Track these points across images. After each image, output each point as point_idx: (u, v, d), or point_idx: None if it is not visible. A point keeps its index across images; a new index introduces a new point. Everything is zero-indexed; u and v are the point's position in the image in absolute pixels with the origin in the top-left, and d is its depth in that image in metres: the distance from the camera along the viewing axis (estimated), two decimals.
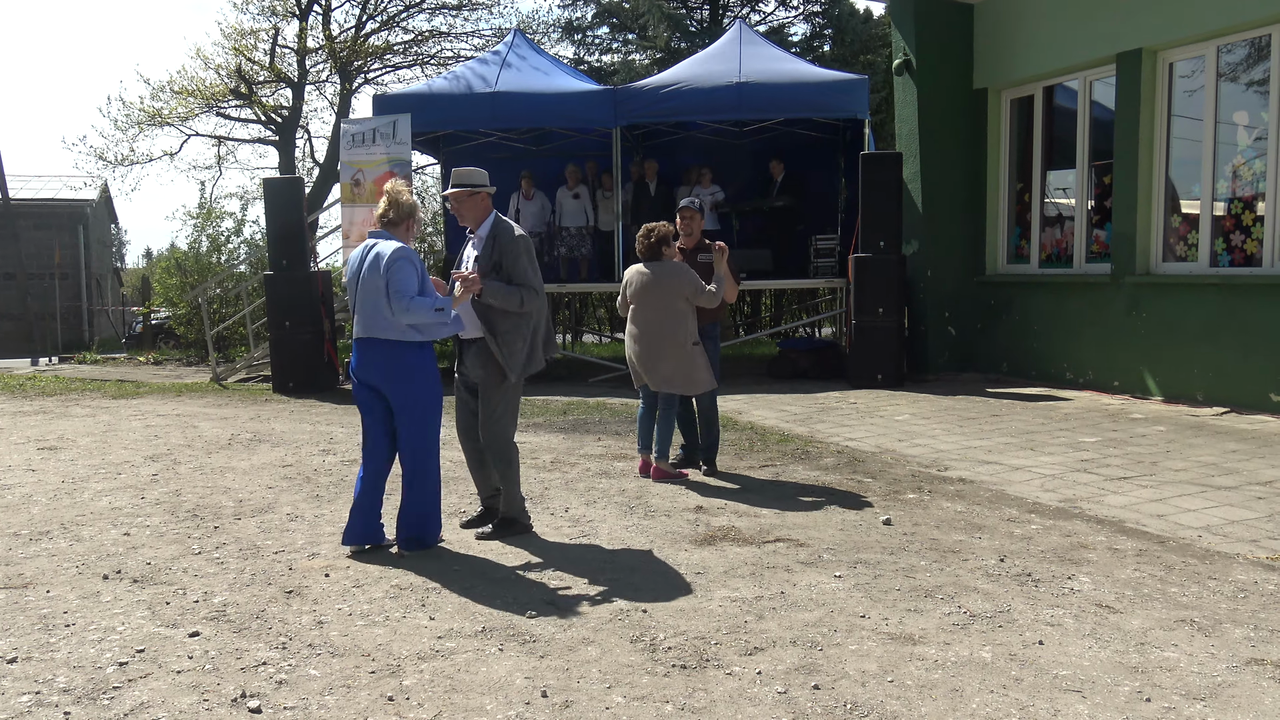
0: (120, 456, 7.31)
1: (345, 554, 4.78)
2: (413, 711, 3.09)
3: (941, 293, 11.47)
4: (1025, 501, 5.63)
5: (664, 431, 6.29)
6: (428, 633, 3.74)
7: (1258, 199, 8.43)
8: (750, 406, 9.37)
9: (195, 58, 28.13)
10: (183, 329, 17.72)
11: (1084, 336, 10.04)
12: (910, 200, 11.44)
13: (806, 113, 12.06)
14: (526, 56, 12.80)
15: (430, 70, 23.45)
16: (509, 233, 4.91)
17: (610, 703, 3.13)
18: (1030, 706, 3.07)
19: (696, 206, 6.65)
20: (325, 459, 7.09)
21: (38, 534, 5.20)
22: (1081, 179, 10.32)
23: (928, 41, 11.43)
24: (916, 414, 8.77)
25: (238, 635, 3.74)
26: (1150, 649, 3.50)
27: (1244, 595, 4.04)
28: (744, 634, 3.67)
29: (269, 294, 11.42)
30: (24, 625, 3.86)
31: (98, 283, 28.63)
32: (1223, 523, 5.13)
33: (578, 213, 13.10)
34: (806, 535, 4.97)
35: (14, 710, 3.11)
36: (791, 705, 3.10)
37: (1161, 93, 9.23)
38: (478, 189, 4.97)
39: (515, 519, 5.09)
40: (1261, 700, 3.10)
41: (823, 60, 19.38)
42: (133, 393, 11.52)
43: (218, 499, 5.93)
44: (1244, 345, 8.36)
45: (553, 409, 9.30)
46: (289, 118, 24.00)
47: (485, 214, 4.99)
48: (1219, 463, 6.49)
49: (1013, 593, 4.09)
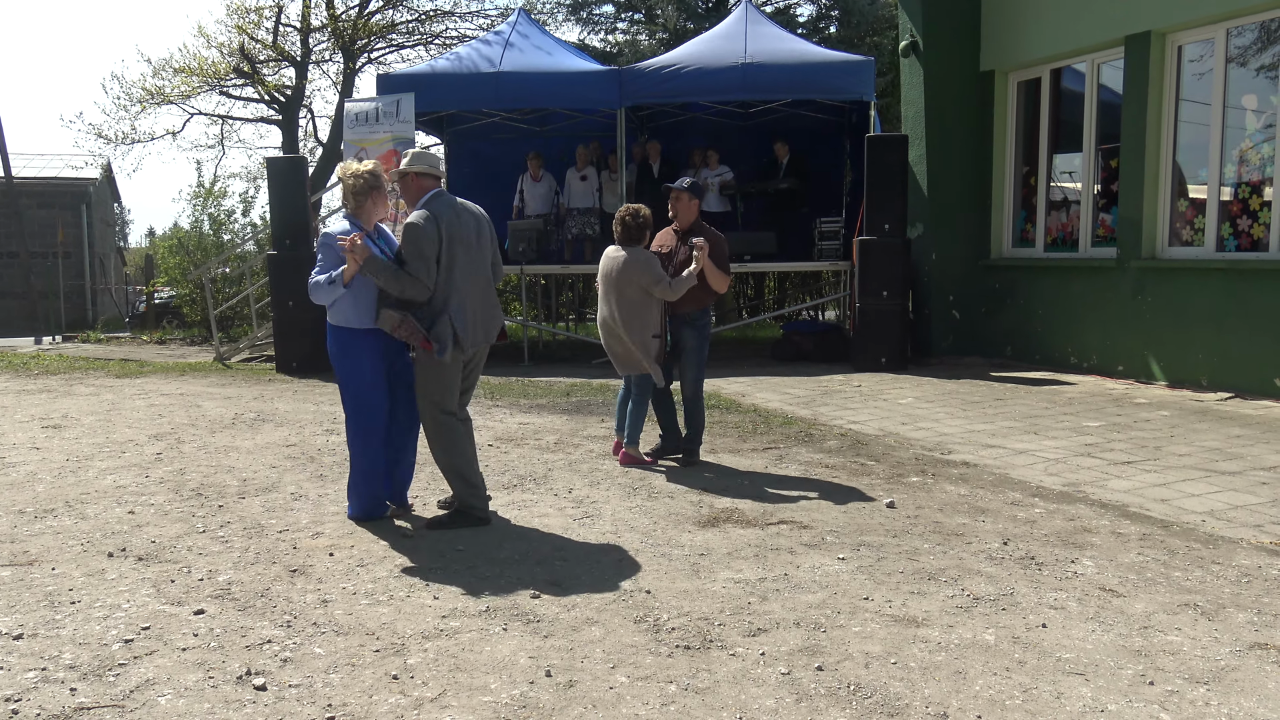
0: (124, 435, 7.32)
1: (349, 533, 4.79)
2: (417, 690, 3.10)
3: (946, 276, 11.44)
4: (1029, 485, 5.63)
5: (633, 417, 6.20)
6: (432, 612, 3.75)
7: (1265, 184, 8.39)
8: (754, 389, 9.37)
9: (197, 36, 28.00)
10: (187, 308, 17.72)
11: (1088, 321, 10.01)
12: (915, 183, 11.40)
13: (812, 94, 11.99)
14: (530, 36, 12.72)
15: (434, 49, 23.35)
16: (411, 218, 4.83)
17: (614, 682, 3.14)
18: (1033, 689, 3.07)
19: (684, 187, 6.23)
20: (329, 439, 7.10)
21: (43, 512, 5.21)
22: (1088, 162, 10.27)
23: (935, 23, 11.36)
24: (920, 397, 8.76)
25: (242, 613, 3.75)
26: (1153, 633, 3.50)
27: (1247, 580, 4.04)
28: (747, 615, 3.68)
29: (272, 274, 11.41)
30: (30, 602, 3.88)
31: (101, 262, 28.64)
32: (1226, 507, 5.13)
33: (586, 194, 13.04)
34: (810, 517, 4.98)
35: (21, 686, 3.13)
36: (795, 686, 3.10)
37: (1170, 76, 9.17)
38: (407, 172, 4.97)
39: (467, 509, 4.94)
40: (1265, 684, 3.10)
41: (829, 41, 19.26)
42: (136, 372, 11.53)
43: (222, 478, 5.94)
44: (1249, 330, 8.33)
45: (556, 390, 9.31)
46: (292, 97, 23.93)
47: (417, 196, 4.95)
48: (1223, 448, 6.48)
49: (1016, 576, 4.09)
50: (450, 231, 4.78)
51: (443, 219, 4.77)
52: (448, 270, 4.78)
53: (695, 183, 6.29)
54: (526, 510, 5.19)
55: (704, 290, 6.08)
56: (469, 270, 4.86)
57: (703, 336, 6.27)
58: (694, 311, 6.20)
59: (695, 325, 6.22)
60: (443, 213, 4.79)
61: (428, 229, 4.71)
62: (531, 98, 12.01)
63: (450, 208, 4.86)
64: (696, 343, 6.22)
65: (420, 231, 4.71)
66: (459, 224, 4.84)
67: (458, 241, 4.80)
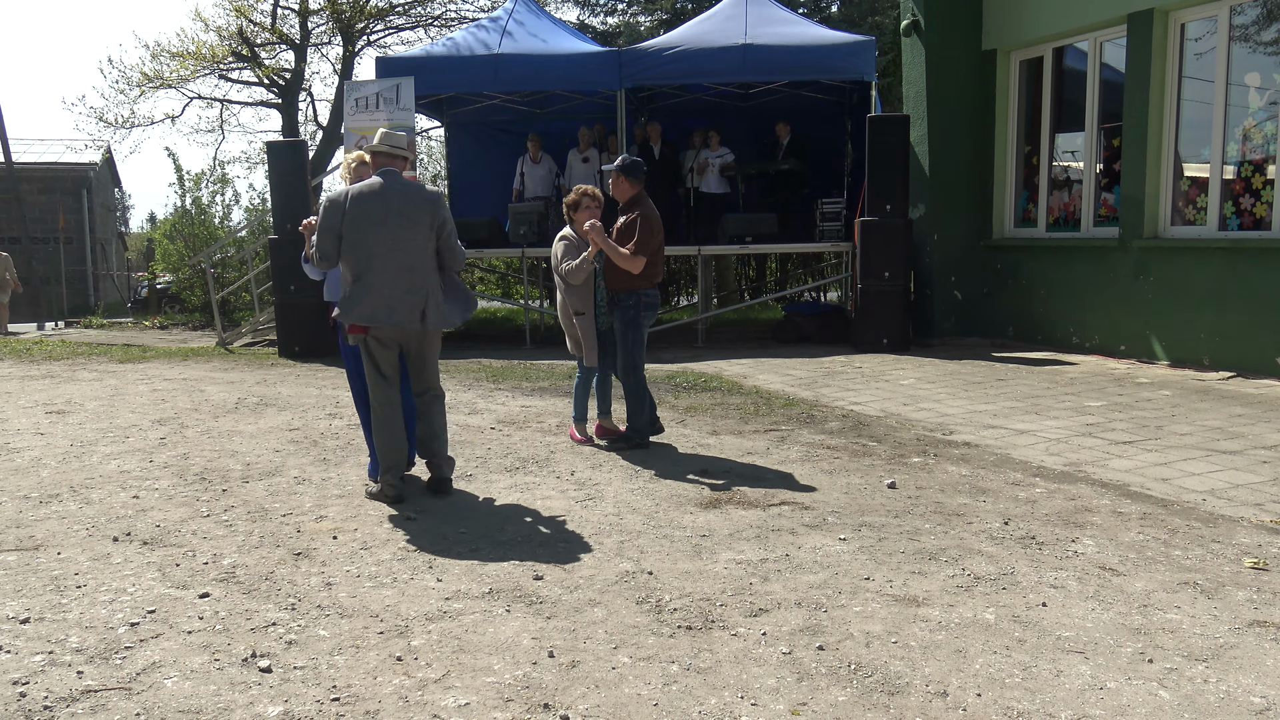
0: (128, 420, 7.34)
1: (352, 516, 4.81)
2: (421, 671, 3.13)
3: (948, 256, 11.42)
4: (1030, 465, 5.65)
5: (576, 395, 6.43)
6: (435, 594, 3.77)
7: (1268, 162, 8.35)
8: (755, 370, 9.37)
9: (195, 20, 27.85)
10: (185, 293, 17.71)
11: (1091, 300, 10.00)
12: (917, 163, 11.36)
13: (813, 75, 11.95)
14: (529, 18, 12.67)
15: (434, 32, 23.24)
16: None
17: (616, 663, 3.17)
18: (1033, 667, 3.09)
19: (616, 166, 6.12)
20: (332, 422, 7.12)
21: (48, 497, 5.24)
22: (1090, 142, 10.23)
23: (936, 2, 11.28)
24: (922, 378, 8.77)
25: (247, 596, 3.77)
26: (1153, 611, 3.52)
27: (1247, 558, 4.05)
28: (749, 596, 3.70)
29: (273, 258, 11.41)
30: (36, 587, 3.90)
31: (102, 247, 28.63)
32: (1227, 486, 5.14)
33: (588, 175, 13.01)
34: (811, 498, 5.00)
35: (28, 669, 3.15)
36: (796, 666, 3.13)
37: (1172, 54, 9.12)
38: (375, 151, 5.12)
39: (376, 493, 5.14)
40: (1263, 661, 3.12)
41: (830, 21, 19.14)
42: (139, 357, 11.54)
43: (225, 462, 5.97)
44: (1251, 310, 8.32)
45: (558, 373, 9.32)
46: (291, 80, 23.84)
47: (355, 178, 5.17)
48: (1224, 427, 6.49)
49: (1016, 555, 4.11)
50: (358, 208, 4.89)
51: (354, 196, 4.91)
52: (351, 246, 4.91)
53: (630, 162, 6.14)
54: (529, 493, 5.22)
55: (621, 271, 6.03)
56: (379, 249, 4.91)
57: (628, 319, 6.10)
58: (620, 293, 6.12)
59: (621, 306, 6.12)
60: (364, 191, 4.93)
61: (334, 203, 4.95)
62: (531, 80, 11.97)
63: (378, 186, 4.96)
64: (621, 325, 6.15)
65: (326, 204, 4.98)
66: (375, 202, 4.91)
67: (363, 219, 4.89)
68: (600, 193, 6.29)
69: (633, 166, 6.11)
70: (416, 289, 4.97)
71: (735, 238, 11.75)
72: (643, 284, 6.07)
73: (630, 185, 6.10)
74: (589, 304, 6.15)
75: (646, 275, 6.05)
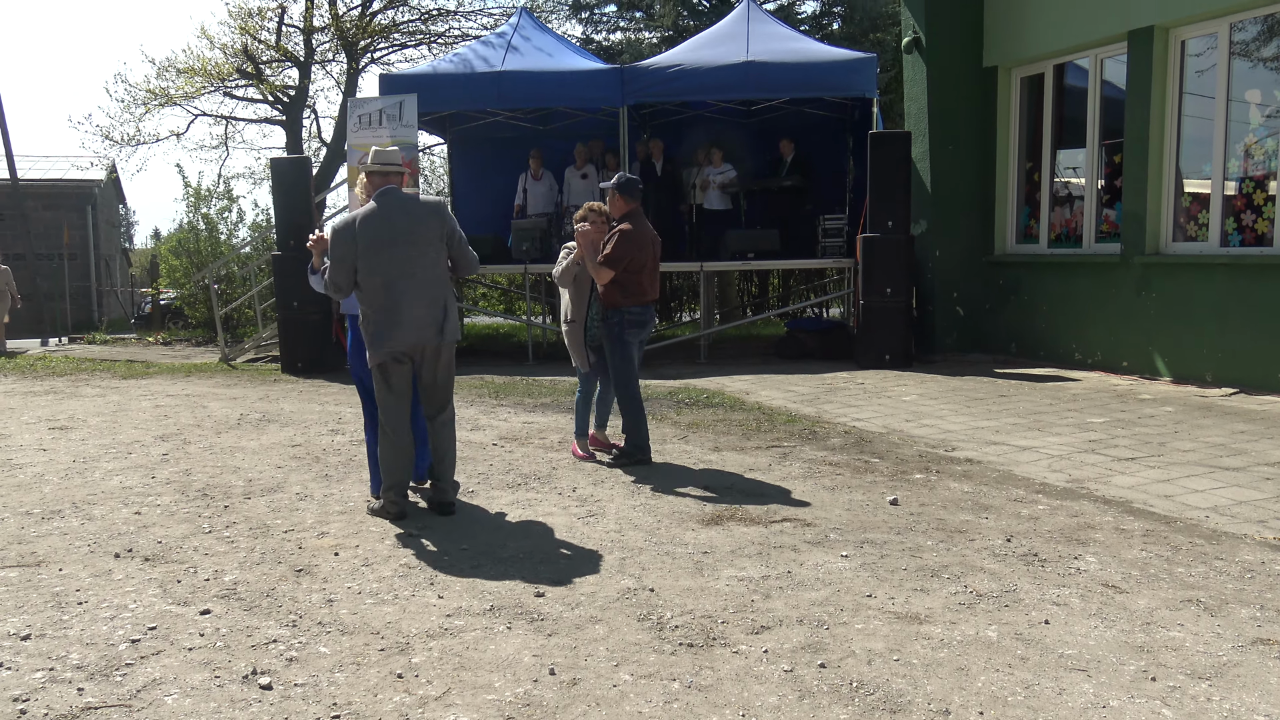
0: (130, 436, 7.35)
1: (354, 533, 4.81)
2: (422, 688, 3.12)
3: (950, 273, 11.43)
4: (1032, 482, 5.64)
5: (578, 411, 6.47)
6: (436, 611, 3.77)
7: (1269, 178, 8.37)
8: (758, 386, 9.37)
9: (200, 37, 27.96)
10: (190, 309, 17.76)
11: (1093, 317, 10.00)
12: (919, 180, 11.39)
13: (815, 92, 11.99)
14: (532, 36, 12.74)
15: (437, 49, 23.35)
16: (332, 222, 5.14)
17: (617, 680, 3.16)
18: (1035, 685, 3.08)
19: (611, 184, 6.24)
20: (334, 439, 7.12)
21: (50, 513, 5.24)
22: (1092, 158, 10.25)
23: (937, 19, 11.34)
24: (924, 394, 8.76)
25: (248, 613, 3.77)
26: (1156, 629, 3.51)
27: (1251, 575, 4.04)
28: (751, 613, 3.69)
29: (277, 274, 11.44)
30: (37, 603, 3.90)
31: (106, 263, 28.71)
32: (1230, 503, 5.13)
33: (586, 193, 13.03)
34: (813, 515, 4.99)
35: (29, 686, 3.15)
36: (798, 683, 3.12)
37: (1173, 71, 9.15)
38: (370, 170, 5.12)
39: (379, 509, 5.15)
40: (1267, 680, 3.11)
41: (831, 38, 19.23)
42: (142, 373, 11.57)
43: (227, 478, 5.97)
44: (1254, 325, 8.32)
45: (560, 389, 9.32)
46: (295, 97, 23.94)
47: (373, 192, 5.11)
48: (1227, 443, 6.48)
49: (1019, 572, 4.10)
50: (366, 236, 4.88)
51: (361, 223, 4.90)
52: (368, 272, 4.91)
53: (625, 180, 6.21)
54: (531, 509, 5.21)
55: (608, 287, 6.06)
56: (394, 271, 4.91)
57: (612, 335, 6.13)
58: (606, 309, 6.14)
59: (607, 323, 6.15)
60: (369, 216, 4.92)
61: (340, 234, 4.92)
62: (534, 97, 12.02)
63: (381, 209, 4.95)
64: (606, 341, 6.18)
65: (333, 236, 4.96)
66: (382, 226, 4.90)
67: (375, 246, 4.88)
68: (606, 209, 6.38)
69: (628, 184, 6.20)
70: (435, 302, 5.02)
71: (737, 254, 11.77)
72: (628, 301, 6.08)
73: (625, 202, 6.19)
74: (580, 313, 6.29)
75: (632, 292, 6.06)
